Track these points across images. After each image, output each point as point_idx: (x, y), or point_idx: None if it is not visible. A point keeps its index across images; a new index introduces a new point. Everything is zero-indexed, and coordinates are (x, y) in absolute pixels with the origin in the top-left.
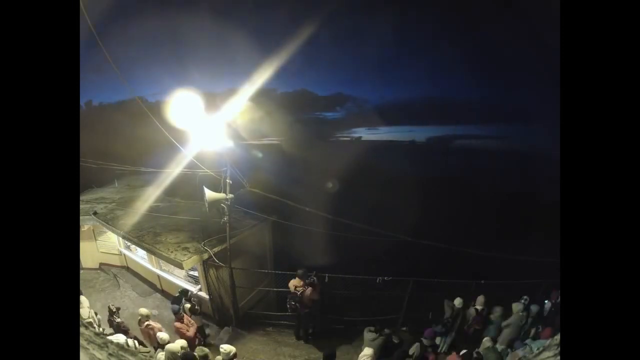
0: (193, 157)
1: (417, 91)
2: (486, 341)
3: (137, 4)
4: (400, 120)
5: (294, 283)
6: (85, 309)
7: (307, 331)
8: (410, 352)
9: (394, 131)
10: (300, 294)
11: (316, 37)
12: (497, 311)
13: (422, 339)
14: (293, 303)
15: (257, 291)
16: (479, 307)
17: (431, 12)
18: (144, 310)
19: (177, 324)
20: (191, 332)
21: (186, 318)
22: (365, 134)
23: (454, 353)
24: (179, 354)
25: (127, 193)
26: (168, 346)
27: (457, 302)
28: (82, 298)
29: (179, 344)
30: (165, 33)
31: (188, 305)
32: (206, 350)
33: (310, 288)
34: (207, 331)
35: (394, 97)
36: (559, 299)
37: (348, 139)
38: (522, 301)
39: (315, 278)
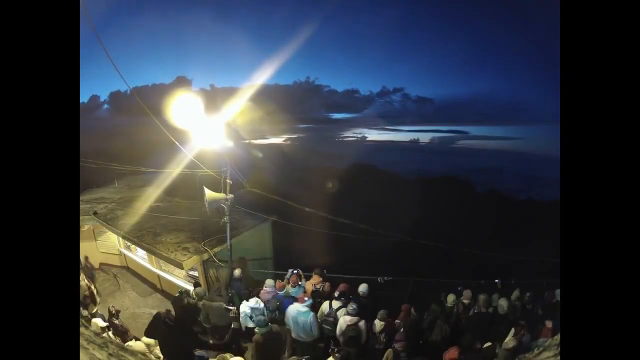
0: (193, 157)
1: (422, 90)
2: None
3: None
4: (403, 120)
5: (312, 282)
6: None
7: None
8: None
9: (397, 131)
10: (322, 289)
11: (317, 35)
12: (481, 299)
13: (394, 345)
14: (319, 300)
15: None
16: (465, 302)
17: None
18: (270, 281)
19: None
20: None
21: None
22: (369, 134)
23: (454, 347)
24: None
25: (127, 193)
26: (134, 344)
27: (450, 299)
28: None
29: (142, 343)
30: (167, 29)
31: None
32: None
33: (328, 283)
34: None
35: (396, 97)
36: (555, 299)
37: (353, 139)
38: (527, 295)
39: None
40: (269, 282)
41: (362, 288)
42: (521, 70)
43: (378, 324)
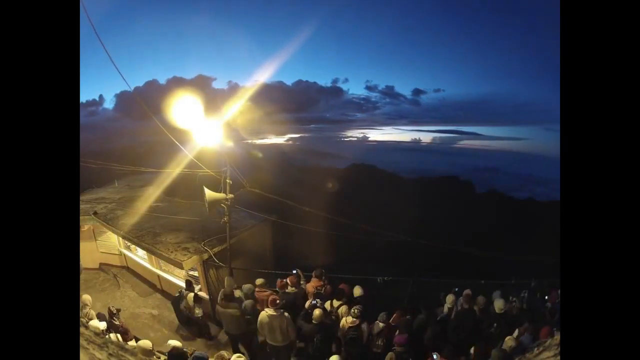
0: (193, 157)
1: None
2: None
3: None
4: (405, 120)
5: (312, 284)
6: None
7: None
8: None
9: (399, 131)
10: (323, 291)
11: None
12: (480, 302)
13: (393, 347)
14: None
15: None
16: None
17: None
18: (260, 281)
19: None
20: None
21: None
22: (370, 134)
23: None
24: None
25: (127, 193)
26: (140, 342)
27: (449, 300)
28: (86, 297)
29: (149, 342)
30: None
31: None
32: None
33: (329, 286)
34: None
35: (397, 96)
36: (559, 300)
37: (354, 139)
38: (523, 294)
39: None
40: (259, 281)
41: (358, 292)
42: (524, 70)
43: (378, 326)
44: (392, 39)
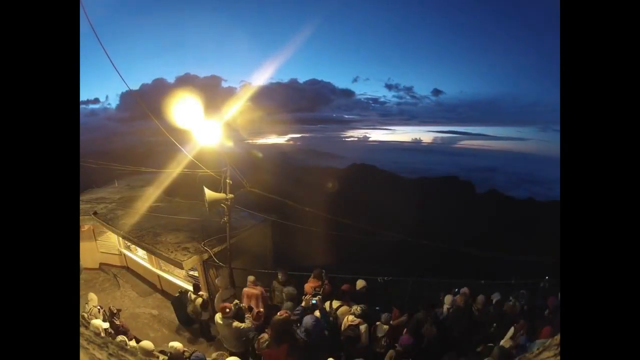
0: (193, 157)
1: (424, 90)
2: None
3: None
4: (405, 120)
5: (310, 284)
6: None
7: None
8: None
9: (399, 131)
10: (322, 291)
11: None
12: (479, 301)
13: (396, 345)
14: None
15: None
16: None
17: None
18: (251, 278)
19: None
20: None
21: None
22: (371, 134)
23: None
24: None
25: (127, 193)
26: (141, 343)
27: (447, 300)
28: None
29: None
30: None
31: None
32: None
33: (327, 285)
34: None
35: (398, 96)
36: (558, 302)
37: (355, 139)
38: (523, 294)
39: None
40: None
41: (361, 285)
42: (526, 70)
43: (382, 327)
44: (411, 38)
